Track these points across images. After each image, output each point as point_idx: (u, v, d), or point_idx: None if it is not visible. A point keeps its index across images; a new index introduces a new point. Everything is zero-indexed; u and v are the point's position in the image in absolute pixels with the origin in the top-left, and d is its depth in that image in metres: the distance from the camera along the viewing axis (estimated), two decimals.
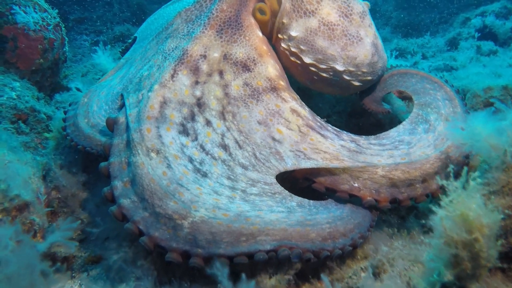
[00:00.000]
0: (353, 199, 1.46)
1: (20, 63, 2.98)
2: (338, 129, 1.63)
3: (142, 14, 6.67)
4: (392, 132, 1.67)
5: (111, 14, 6.82)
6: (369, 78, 1.79)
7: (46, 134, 1.99)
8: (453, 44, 5.85)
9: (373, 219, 1.44)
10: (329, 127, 1.63)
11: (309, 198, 1.45)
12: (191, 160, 1.40)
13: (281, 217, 1.29)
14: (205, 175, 1.38)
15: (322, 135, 1.55)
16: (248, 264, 1.22)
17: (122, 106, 1.56)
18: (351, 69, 1.71)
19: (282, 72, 1.69)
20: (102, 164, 1.40)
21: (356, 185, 1.46)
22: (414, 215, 1.61)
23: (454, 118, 1.63)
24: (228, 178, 1.41)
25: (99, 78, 4.00)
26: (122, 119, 1.48)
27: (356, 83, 1.78)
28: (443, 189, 1.45)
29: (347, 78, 1.74)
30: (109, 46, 5.53)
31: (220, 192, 1.34)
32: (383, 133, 1.67)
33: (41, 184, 1.60)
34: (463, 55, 4.59)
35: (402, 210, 1.68)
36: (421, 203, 1.51)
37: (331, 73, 1.72)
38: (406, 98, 2.29)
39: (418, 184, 1.47)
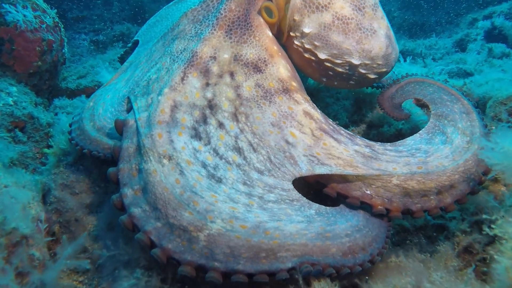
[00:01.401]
0: (364, 206, 1.43)
1: (17, 66, 2.86)
2: (351, 133, 1.61)
3: (143, 13, 6.52)
4: (409, 140, 1.64)
5: (111, 13, 6.67)
6: (384, 70, 1.78)
7: (45, 150, 1.86)
8: (461, 46, 5.75)
9: (388, 229, 1.42)
10: (342, 130, 1.60)
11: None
12: (204, 165, 1.37)
13: (301, 228, 1.25)
14: (219, 180, 1.34)
15: (336, 139, 1.53)
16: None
17: (130, 109, 1.53)
18: (367, 62, 1.71)
19: (294, 73, 1.67)
20: (111, 169, 1.36)
21: (368, 192, 1.43)
22: (445, 236, 1.50)
23: (471, 132, 1.61)
24: (244, 183, 1.37)
25: (98, 80, 3.83)
26: (131, 121, 1.44)
27: (372, 76, 1.77)
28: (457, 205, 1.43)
29: (363, 71, 1.74)
30: (109, 47, 5.36)
31: (236, 199, 1.30)
32: (400, 141, 1.65)
33: (41, 209, 1.48)
34: (474, 57, 4.50)
35: (429, 230, 1.58)
36: (434, 215, 1.47)
37: (347, 68, 1.71)
38: (424, 106, 2.19)
39: (433, 196, 1.43)
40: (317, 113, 1.57)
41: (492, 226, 1.29)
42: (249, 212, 1.26)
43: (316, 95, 2.27)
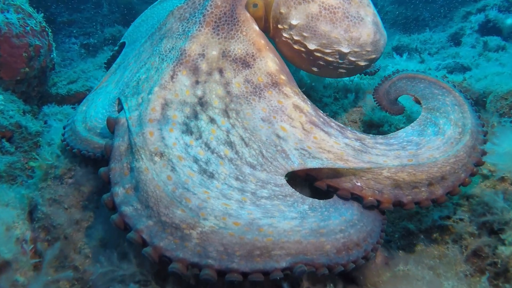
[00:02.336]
0: (354, 197, 1.44)
1: (3, 73, 2.78)
2: (341, 125, 1.62)
3: (133, 15, 6.40)
4: (401, 133, 1.65)
5: (101, 16, 6.55)
6: (374, 56, 1.79)
7: (31, 163, 1.78)
8: (455, 40, 5.71)
9: (383, 222, 1.42)
10: (332, 122, 1.61)
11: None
12: (196, 160, 1.37)
13: (295, 225, 1.25)
14: (211, 176, 1.34)
15: (326, 132, 1.53)
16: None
17: (121, 110, 1.53)
18: (356, 49, 1.71)
19: (282, 66, 1.68)
20: (102, 169, 1.36)
21: (358, 184, 1.43)
22: (452, 239, 1.44)
23: (464, 123, 1.61)
24: (237, 179, 1.37)
25: (90, 85, 3.75)
26: (123, 119, 1.45)
27: (362, 63, 1.79)
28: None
29: (353, 59, 1.75)
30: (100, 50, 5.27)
31: (229, 195, 1.30)
32: (392, 133, 1.66)
33: (27, 228, 1.40)
34: (470, 51, 4.44)
35: (435, 232, 1.53)
36: (425, 207, 1.48)
37: (337, 56, 1.72)
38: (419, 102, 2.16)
39: (424, 187, 1.43)
40: (307, 106, 1.57)
41: (506, 242, 1.24)
42: (242, 208, 1.26)
43: (313, 95, 2.21)
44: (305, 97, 1.61)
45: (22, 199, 1.56)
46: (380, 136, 1.61)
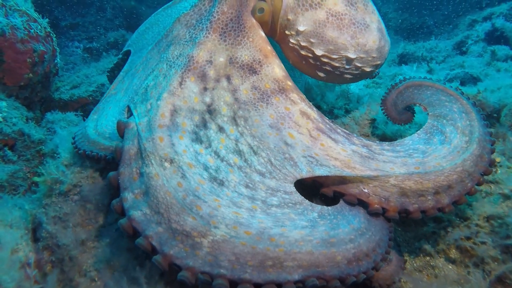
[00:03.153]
0: (361, 203, 1.45)
1: (7, 79, 2.73)
2: (347, 132, 1.64)
3: (137, 19, 6.38)
4: (407, 140, 1.67)
5: (104, 20, 6.53)
6: (379, 62, 1.83)
7: (35, 179, 1.72)
8: (461, 48, 5.66)
9: (390, 230, 1.42)
10: (339, 129, 1.63)
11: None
12: (206, 167, 1.38)
13: (305, 234, 1.26)
14: (222, 183, 1.35)
15: (333, 139, 1.55)
16: None
17: (130, 117, 1.55)
18: (362, 55, 1.74)
19: (287, 72, 1.70)
20: (111, 174, 1.37)
21: (365, 190, 1.45)
22: (473, 263, 1.38)
23: (471, 131, 1.61)
24: (247, 186, 1.38)
25: (93, 90, 3.71)
26: (133, 124, 1.47)
27: (368, 69, 1.82)
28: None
29: (359, 65, 1.78)
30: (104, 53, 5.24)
31: (239, 203, 1.31)
32: (398, 141, 1.67)
33: (30, 249, 1.35)
34: (478, 60, 4.39)
35: (453, 253, 1.46)
36: (430, 216, 1.46)
37: (344, 62, 1.75)
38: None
39: (430, 196, 1.44)
40: (313, 113, 1.59)
41: None
42: (252, 217, 1.26)
43: (323, 106, 2.16)
44: (311, 103, 1.62)
45: (25, 217, 1.50)
46: (387, 142, 1.62)
